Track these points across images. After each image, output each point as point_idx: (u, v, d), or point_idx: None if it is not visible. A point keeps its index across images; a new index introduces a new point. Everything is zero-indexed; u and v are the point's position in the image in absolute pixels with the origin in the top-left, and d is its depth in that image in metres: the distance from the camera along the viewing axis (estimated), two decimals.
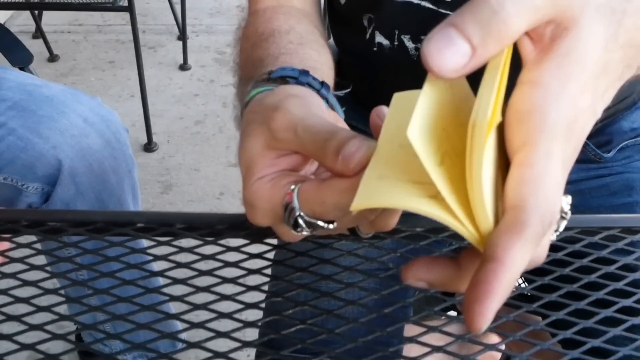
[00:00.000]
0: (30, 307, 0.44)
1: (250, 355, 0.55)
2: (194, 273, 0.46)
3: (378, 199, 0.32)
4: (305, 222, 0.38)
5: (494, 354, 0.83)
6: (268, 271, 0.48)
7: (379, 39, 0.70)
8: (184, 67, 2.46)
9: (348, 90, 0.82)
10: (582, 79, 0.31)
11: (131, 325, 0.43)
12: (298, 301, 0.46)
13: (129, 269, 0.48)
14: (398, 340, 0.44)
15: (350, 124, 0.80)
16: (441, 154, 0.31)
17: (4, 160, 0.99)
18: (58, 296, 0.46)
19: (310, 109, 0.39)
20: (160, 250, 0.49)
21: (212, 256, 0.48)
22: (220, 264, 0.47)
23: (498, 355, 0.84)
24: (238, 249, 0.49)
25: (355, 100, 0.82)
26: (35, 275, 0.47)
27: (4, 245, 0.49)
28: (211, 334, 0.42)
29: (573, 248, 0.50)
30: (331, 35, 0.84)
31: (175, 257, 0.48)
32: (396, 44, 0.69)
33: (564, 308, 0.45)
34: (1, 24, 1.39)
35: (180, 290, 0.46)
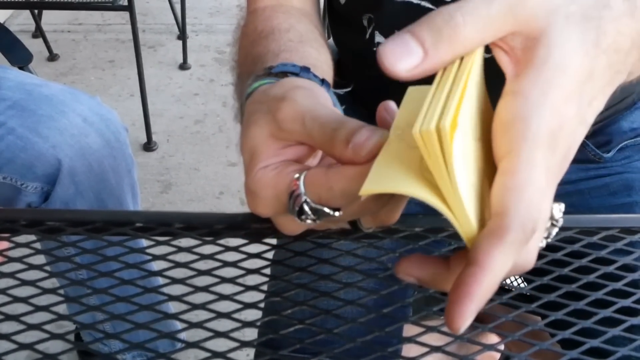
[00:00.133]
0: (29, 307, 0.44)
1: (249, 355, 0.55)
2: (193, 273, 0.46)
3: (388, 185, 0.32)
4: (310, 209, 0.38)
5: (493, 354, 0.83)
6: (267, 271, 0.48)
7: (379, 39, 0.70)
8: (183, 67, 2.46)
9: (348, 90, 0.82)
10: (565, 86, 0.31)
11: (130, 324, 0.43)
12: (297, 301, 0.46)
13: (128, 268, 0.48)
14: (397, 340, 0.44)
15: None
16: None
17: (3, 159, 0.99)
18: (57, 296, 0.46)
19: (317, 99, 0.39)
20: (159, 250, 0.49)
21: (211, 256, 0.48)
22: (219, 264, 0.47)
23: (497, 355, 0.84)
24: (237, 249, 0.49)
25: (355, 100, 0.82)
26: (34, 274, 0.47)
27: (2, 244, 0.49)
28: (210, 334, 0.42)
29: (572, 248, 0.50)
30: (331, 35, 0.84)
31: (174, 257, 0.48)
32: None
33: (563, 308, 0.45)
34: (1, 23, 1.39)
35: (179, 289, 0.46)
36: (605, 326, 0.44)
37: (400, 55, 0.31)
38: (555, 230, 0.37)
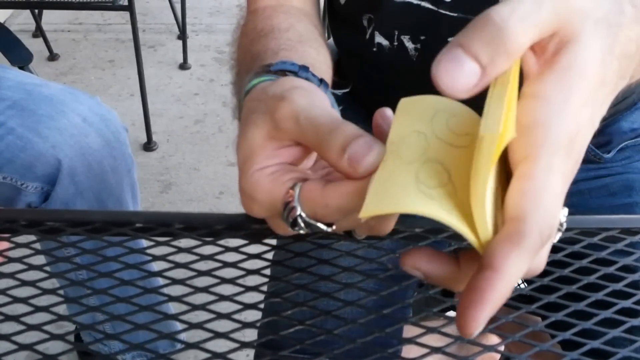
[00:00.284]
0: (28, 307, 0.44)
1: (249, 355, 0.55)
2: (193, 273, 0.46)
3: (389, 205, 0.32)
4: (304, 222, 0.37)
5: (493, 355, 0.83)
6: (267, 272, 0.48)
7: (379, 39, 0.70)
8: (183, 67, 2.46)
9: (346, 90, 0.82)
10: (584, 92, 0.31)
11: (130, 325, 0.43)
12: (297, 302, 0.45)
13: (128, 269, 0.48)
14: (397, 341, 0.44)
15: None
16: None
17: (3, 159, 0.99)
18: (57, 296, 0.46)
19: (315, 100, 0.39)
20: (159, 251, 0.49)
21: (211, 256, 0.48)
22: (219, 265, 0.47)
23: (497, 356, 0.84)
24: (237, 250, 0.49)
25: (355, 100, 0.82)
26: (33, 275, 0.46)
27: (2, 245, 0.49)
28: (210, 335, 0.42)
29: (572, 249, 0.50)
30: (331, 35, 0.84)
31: (174, 257, 0.48)
32: (396, 44, 0.69)
33: (563, 309, 0.45)
34: (1, 23, 1.39)
35: (179, 290, 0.45)
36: (606, 327, 0.44)
37: (458, 76, 0.30)
38: (559, 234, 0.37)
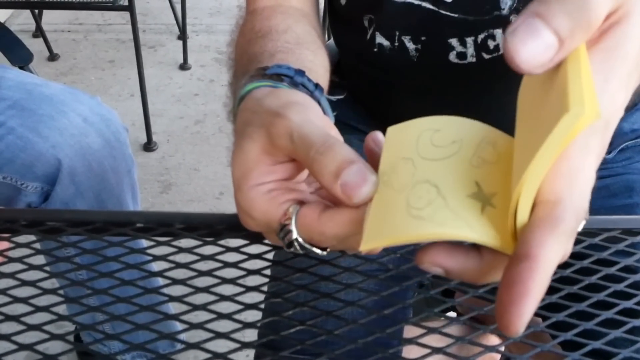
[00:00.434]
0: (28, 307, 0.44)
1: (250, 356, 0.55)
2: (194, 273, 0.46)
3: (387, 237, 0.32)
4: (300, 246, 0.38)
5: (494, 356, 0.83)
6: (267, 272, 0.48)
7: (380, 39, 0.70)
8: (184, 67, 2.46)
9: (341, 97, 0.82)
10: (622, 74, 0.30)
11: (130, 325, 0.42)
12: (297, 302, 0.45)
13: (128, 269, 0.48)
14: (398, 342, 0.44)
15: (349, 124, 0.80)
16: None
17: (3, 159, 0.99)
18: (57, 296, 0.46)
19: (310, 116, 0.39)
20: (160, 251, 0.49)
21: (212, 256, 0.48)
22: (220, 265, 0.47)
23: (498, 356, 0.84)
24: (237, 250, 0.49)
25: (355, 100, 0.82)
26: (34, 275, 0.46)
27: (2, 244, 0.49)
28: (210, 335, 0.42)
29: (573, 249, 0.49)
30: (331, 35, 0.84)
31: (175, 258, 0.48)
32: (397, 44, 0.69)
33: (564, 310, 0.45)
34: (1, 22, 1.39)
35: (180, 290, 0.45)
36: (607, 328, 0.44)
37: (535, 49, 0.27)
38: (584, 222, 0.36)
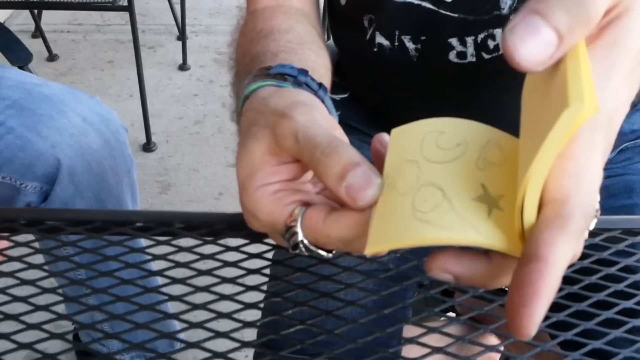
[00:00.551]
0: (28, 306, 0.44)
1: (249, 355, 0.55)
2: (193, 273, 0.46)
3: (392, 240, 0.32)
4: (305, 248, 0.38)
5: (494, 355, 0.83)
6: (267, 271, 0.48)
7: (380, 39, 0.70)
8: (183, 67, 2.46)
9: (345, 96, 0.81)
10: (624, 69, 0.30)
11: (129, 324, 0.42)
12: (297, 301, 0.45)
13: (128, 268, 0.48)
14: (397, 341, 0.44)
15: (349, 124, 0.80)
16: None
17: (2, 159, 0.98)
18: (56, 295, 0.46)
19: (315, 117, 0.38)
20: (159, 250, 0.49)
21: (211, 256, 0.48)
22: (219, 264, 0.47)
23: (497, 356, 0.84)
24: (237, 249, 0.48)
25: (355, 100, 0.82)
26: (33, 274, 0.46)
27: (2, 244, 0.49)
28: (210, 334, 0.41)
29: None
30: (331, 36, 0.84)
31: (174, 257, 0.48)
32: (396, 44, 0.69)
33: (564, 309, 0.45)
34: (0, 22, 1.39)
35: (179, 290, 0.45)
36: (607, 328, 0.44)
37: (535, 46, 0.27)
38: (595, 220, 0.35)
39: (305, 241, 0.37)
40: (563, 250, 0.27)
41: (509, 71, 0.30)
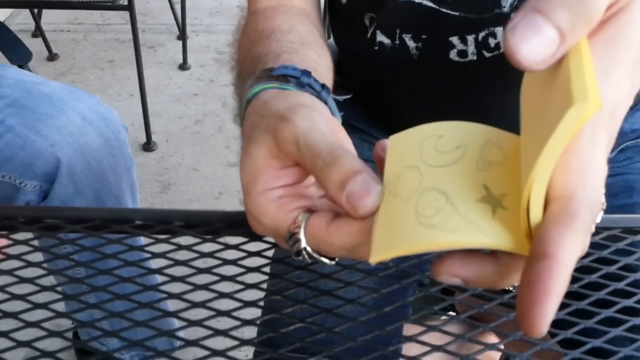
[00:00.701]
0: (26, 305, 0.44)
1: (249, 354, 0.55)
2: (192, 271, 0.46)
3: (395, 248, 0.32)
4: (308, 255, 0.38)
5: (493, 354, 0.83)
6: (267, 269, 0.48)
7: (380, 38, 0.70)
8: (183, 67, 2.46)
9: (348, 97, 0.81)
10: (625, 63, 0.30)
11: (128, 322, 0.42)
12: (297, 299, 0.45)
13: (127, 266, 0.48)
14: (397, 340, 0.44)
15: (350, 124, 0.80)
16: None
17: (2, 157, 0.98)
18: (55, 293, 0.46)
19: (316, 121, 0.38)
20: (159, 248, 0.49)
21: (211, 254, 0.48)
22: (219, 262, 0.47)
23: (497, 355, 0.84)
24: (237, 247, 0.48)
25: (355, 99, 0.82)
26: (32, 272, 0.46)
27: (1, 242, 0.49)
28: (209, 332, 0.41)
29: None
30: (331, 34, 0.84)
31: (174, 255, 0.47)
32: (397, 43, 0.69)
33: (564, 308, 0.45)
34: (0, 21, 1.39)
35: (179, 288, 0.45)
36: (607, 326, 0.44)
37: (537, 45, 0.27)
38: (601, 214, 0.35)
39: (308, 248, 0.38)
40: (571, 247, 0.27)
41: (510, 70, 0.29)
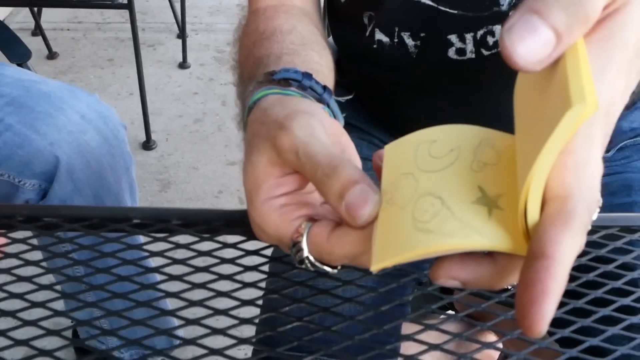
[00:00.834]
0: (25, 303, 0.44)
1: (247, 352, 0.55)
2: (191, 269, 0.46)
3: (395, 255, 0.32)
4: (311, 264, 0.38)
5: (491, 353, 0.83)
6: (265, 268, 0.48)
7: (379, 36, 0.70)
8: (183, 66, 2.46)
9: (349, 97, 0.81)
10: (621, 62, 0.30)
11: (127, 321, 0.42)
12: (295, 298, 0.45)
13: (125, 265, 0.48)
14: (395, 338, 0.44)
15: (348, 122, 0.80)
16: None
17: (1, 156, 0.98)
18: (53, 292, 0.46)
19: (315, 129, 0.39)
20: (157, 247, 0.49)
21: (209, 253, 0.48)
22: (217, 261, 0.47)
23: (496, 353, 0.84)
24: (235, 246, 0.48)
25: (355, 98, 0.82)
26: (30, 270, 0.46)
27: None
28: (207, 331, 0.42)
29: None
30: (330, 33, 0.84)
31: (172, 254, 0.47)
32: (396, 41, 0.69)
33: (562, 306, 0.45)
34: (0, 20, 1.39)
35: (177, 286, 0.45)
36: (605, 325, 0.44)
37: (533, 46, 0.27)
38: (597, 212, 0.35)
39: (311, 257, 0.38)
40: (569, 246, 0.27)
41: (508, 68, 0.29)
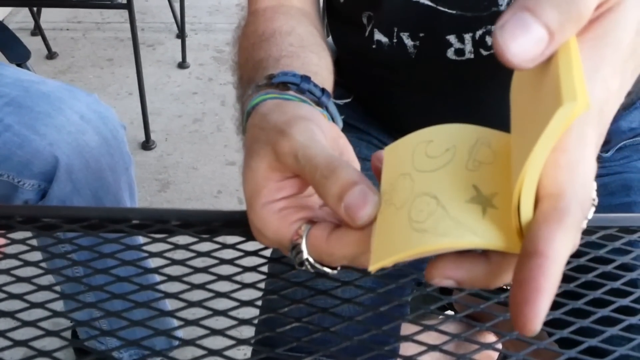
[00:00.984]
0: (24, 304, 0.44)
1: (246, 353, 0.55)
2: (190, 270, 0.46)
3: (392, 255, 0.32)
4: (310, 265, 0.39)
5: (491, 353, 0.83)
6: (264, 269, 0.48)
7: (378, 36, 0.70)
8: (182, 66, 2.46)
9: (348, 100, 0.82)
10: (615, 61, 0.30)
11: (126, 322, 0.42)
12: (294, 299, 0.45)
13: (124, 265, 0.48)
14: (394, 339, 0.44)
15: (347, 122, 0.80)
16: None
17: (0, 156, 0.98)
18: (53, 293, 0.46)
19: (315, 134, 0.39)
20: (156, 247, 0.49)
21: (208, 253, 0.48)
22: (216, 262, 0.47)
23: (495, 354, 0.84)
24: (234, 246, 0.48)
25: (354, 99, 0.82)
26: (29, 271, 0.46)
27: None
28: (207, 332, 0.41)
29: None
30: (329, 33, 0.84)
31: (171, 254, 0.47)
32: (395, 41, 0.69)
33: (560, 307, 0.45)
34: None
35: (176, 287, 0.45)
36: (604, 325, 0.44)
37: (526, 43, 0.27)
38: (592, 210, 0.35)
39: (311, 259, 0.38)
40: (562, 244, 0.27)
41: (506, 68, 0.30)
